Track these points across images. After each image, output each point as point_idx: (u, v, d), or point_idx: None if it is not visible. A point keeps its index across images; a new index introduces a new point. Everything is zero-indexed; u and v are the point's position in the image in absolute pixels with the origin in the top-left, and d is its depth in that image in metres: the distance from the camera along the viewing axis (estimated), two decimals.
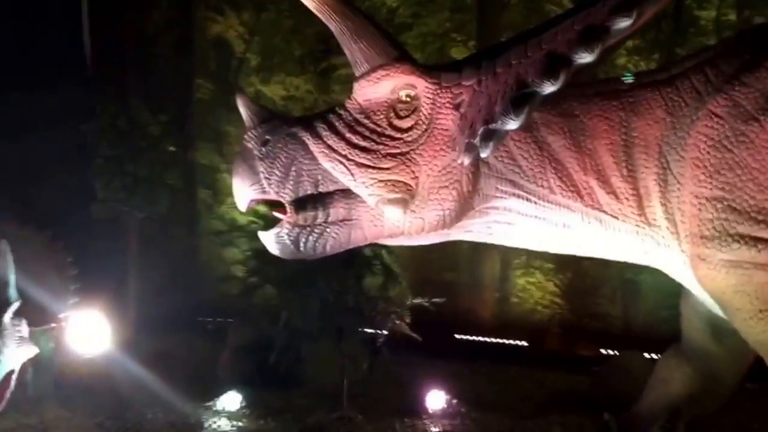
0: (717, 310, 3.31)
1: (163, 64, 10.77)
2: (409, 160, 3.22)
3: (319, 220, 3.26)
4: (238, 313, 7.82)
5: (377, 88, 3.19)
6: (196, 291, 9.78)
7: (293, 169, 3.25)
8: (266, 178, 3.26)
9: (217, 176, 10.97)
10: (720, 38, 7.60)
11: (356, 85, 3.26)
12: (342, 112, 3.32)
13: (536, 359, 8.07)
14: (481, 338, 8.79)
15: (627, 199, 3.24)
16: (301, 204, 3.26)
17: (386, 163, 3.21)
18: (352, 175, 3.22)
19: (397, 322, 5.76)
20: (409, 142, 3.22)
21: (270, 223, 7.75)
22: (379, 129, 3.23)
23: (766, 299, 3.02)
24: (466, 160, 3.18)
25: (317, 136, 3.27)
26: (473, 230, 3.45)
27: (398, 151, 3.22)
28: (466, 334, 8.76)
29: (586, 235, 3.37)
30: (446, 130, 3.21)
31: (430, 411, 5.96)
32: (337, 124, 3.28)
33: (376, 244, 4.50)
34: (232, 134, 10.81)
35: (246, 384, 6.62)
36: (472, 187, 3.27)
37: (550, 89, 2.94)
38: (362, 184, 3.22)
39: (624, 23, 2.83)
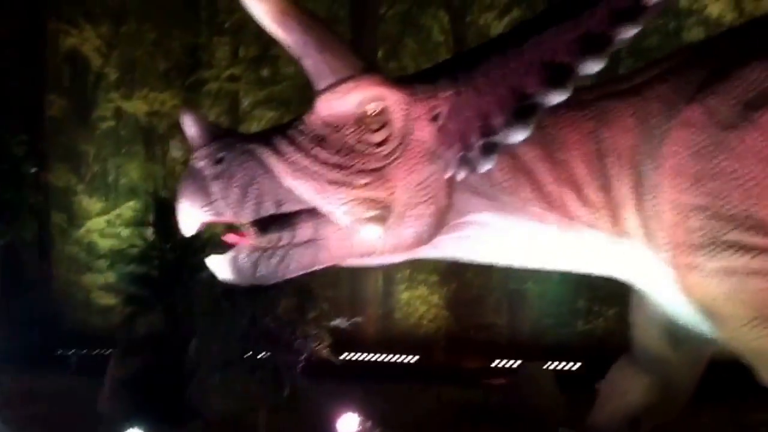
0: (688, 318, 3.23)
1: (11, 80, 9.96)
2: (385, 175, 3.01)
3: (283, 242, 3.03)
4: (104, 343, 7.17)
5: (344, 101, 2.96)
6: (52, 321, 8.95)
7: (253, 188, 2.96)
8: (222, 198, 2.96)
9: (72, 199, 10.33)
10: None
11: (320, 98, 2.99)
12: (303, 126, 3.04)
13: (424, 374, 7.90)
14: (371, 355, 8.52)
15: (600, 209, 3.14)
16: (264, 225, 2.99)
17: (361, 180, 2.99)
18: (323, 193, 2.98)
19: (316, 345, 5.39)
20: (383, 156, 3.01)
21: (150, 246, 7.38)
22: (349, 144, 3.00)
23: (759, 306, 2.95)
24: (462, 175, 3.01)
25: (279, 153, 2.99)
26: (440, 246, 3.25)
27: (373, 166, 3.01)
28: (350, 352, 8.45)
29: (556, 247, 3.27)
30: (423, 143, 3.05)
31: None
32: (300, 139, 3.01)
33: None
34: (90, 154, 10.11)
35: (135, 420, 5.95)
36: (449, 201, 3.11)
37: (557, 99, 2.83)
38: (335, 202, 2.98)
39: (630, 33, 2.77)
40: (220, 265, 3.07)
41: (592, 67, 2.74)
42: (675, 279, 3.04)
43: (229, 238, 3.10)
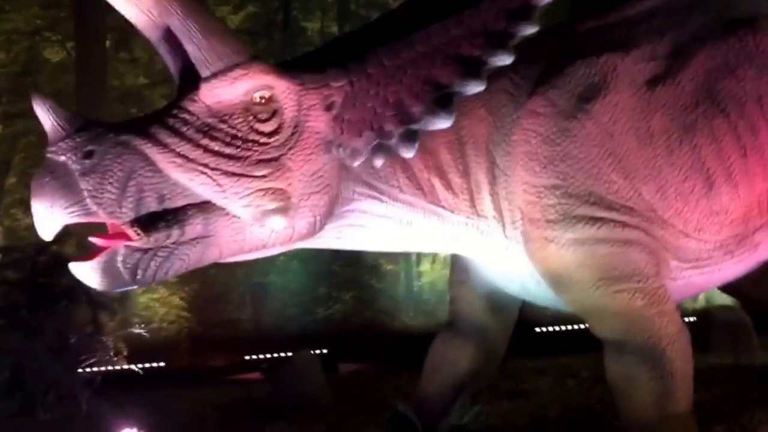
0: (524, 287, 3.63)
1: None
2: (282, 165, 2.95)
3: (170, 241, 2.79)
4: None
5: (232, 89, 2.87)
6: None
7: (131, 184, 2.71)
8: (93, 196, 2.66)
9: None
10: None
11: (205, 85, 2.85)
12: (186, 115, 2.85)
13: (174, 378, 7.66)
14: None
15: (461, 193, 3.34)
16: (148, 224, 2.73)
17: (261, 171, 2.90)
18: (220, 186, 2.81)
19: (113, 356, 4.92)
20: (277, 146, 2.94)
21: None
22: (240, 134, 2.89)
23: (603, 269, 3.36)
24: (379, 162, 3.03)
25: (161, 145, 2.77)
26: (323, 236, 3.20)
27: (269, 156, 2.93)
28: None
29: (425, 231, 3.39)
30: (317, 132, 3.05)
31: None
32: (184, 129, 2.82)
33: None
34: None
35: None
36: (339, 190, 3.12)
37: (475, 90, 2.98)
38: (234, 195, 2.85)
39: (530, 30, 3.00)
40: (87, 272, 2.73)
41: (503, 60, 2.98)
42: (528, 251, 3.41)
43: (100, 240, 2.80)
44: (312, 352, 6.46)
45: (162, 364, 8.01)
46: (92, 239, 2.77)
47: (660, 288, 3.44)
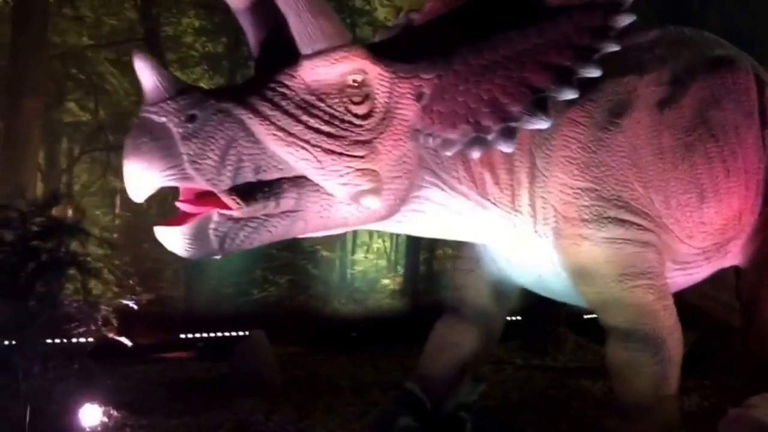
0: (542, 279, 3.87)
1: None
2: (374, 148, 3.00)
3: (264, 212, 2.77)
4: None
5: (331, 69, 2.89)
6: None
7: (231, 152, 2.68)
8: (193, 161, 2.60)
9: None
10: None
11: (306, 63, 2.86)
12: (285, 90, 2.84)
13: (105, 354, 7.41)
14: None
15: (506, 188, 3.58)
16: (247, 194, 2.71)
17: (359, 151, 2.94)
18: (320, 162, 2.83)
19: (101, 326, 4.67)
20: (369, 129, 2.99)
21: None
22: (337, 113, 2.92)
23: (626, 265, 3.66)
24: (476, 154, 3.12)
25: (263, 117, 2.75)
26: (390, 218, 3.33)
27: (364, 138, 2.98)
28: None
29: (470, 221, 3.59)
30: (406, 120, 3.12)
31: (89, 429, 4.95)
32: (284, 104, 2.81)
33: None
34: None
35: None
36: (414, 177, 3.21)
37: (569, 97, 3.11)
38: (333, 173, 2.87)
39: (613, 48, 3.15)
40: (175, 237, 2.65)
41: (592, 73, 3.13)
42: (560, 246, 3.65)
43: (188, 206, 2.73)
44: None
45: (91, 339, 7.74)
46: (180, 204, 2.73)
47: (664, 285, 3.87)
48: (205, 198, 2.76)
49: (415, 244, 8.37)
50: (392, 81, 3.07)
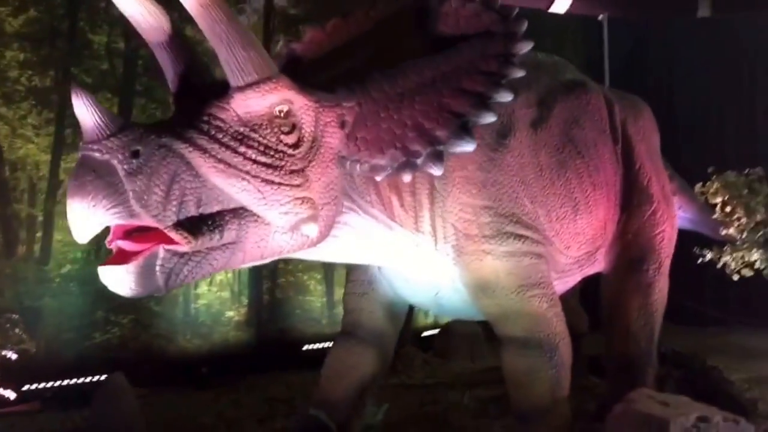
0: (441, 296, 4.10)
1: None
2: (307, 176, 3.13)
3: (208, 245, 2.83)
4: None
5: (262, 100, 2.97)
6: None
7: (175, 187, 2.70)
8: (139, 198, 2.61)
9: None
10: (111, 64, 7.95)
11: (238, 95, 2.93)
12: (219, 122, 2.89)
13: None
14: None
15: (410, 210, 3.81)
16: (194, 228, 2.74)
17: (295, 180, 3.05)
18: (261, 193, 2.91)
19: None
20: (300, 158, 3.11)
21: None
22: (271, 144, 3.01)
23: (524, 277, 4.02)
24: (407, 178, 3.31)
25: (202, 150, 2.79)
26: (318, 246, 3.47)
27: (298, 167, 3.10)
28: None
29: (378, 243, 3.73)
30: (332, 148, 3.25)
31: None
32: (220, 136, 2.86)
33: None
34: None
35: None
36: (338, 203, 3.40)
37: (489, 120, 3.39)
38: (275, 202, 2.95)
39: (519, 74, 3.51)
40: (121, 276, 2.68)
41: (505, 97, 3.42)
42: (462, 263, 3.93)
43: (129, 244, 2.69)
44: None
45: None
46: (120, 243, 2.74)
47: (554, 293, 4.33)
48: (139, 235, 2.79)
49: (257, 274, 8.45)
50: (316, 110, 3.28)
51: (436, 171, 3.34)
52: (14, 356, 5.73)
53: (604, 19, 11.83)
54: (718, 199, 6.37)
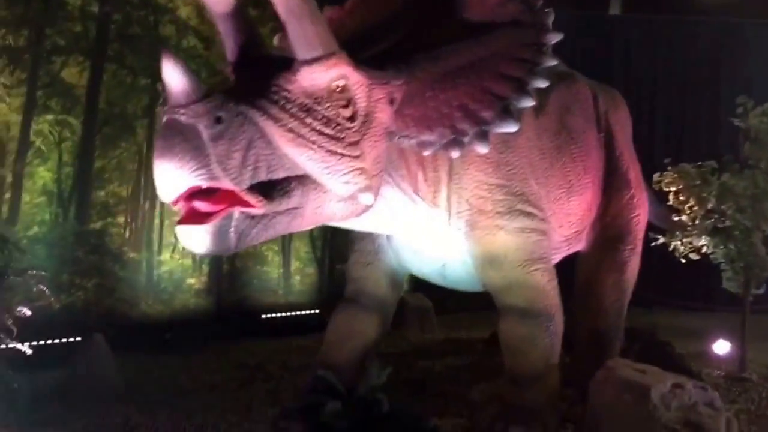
0: (446, 266, 4.32)
1: None
2: (362, 148, 3.25)
3: (278, 209, 2.96)
4: None
5: (325, 74, 3.08)
6: None
7: (251, 153, 2.82)
8: (221, 162, 2.72)
9: None
10: (84, 26, 7.85)
11: (305, 68, 3.04)
12: (287, 94, 3.00)
13: None
14: None
15: (430, 186, 3.98)
16: (266, 193, 2.88)
17: (355, 152, 3.18)
18: (325, 162, 3.04)
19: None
20: (356, 132, 3.23)
21: None
22: (332, 117, 3.13)
23: (530, 251, 4.26)
24: (455, 154, 3.48)
25: (274, 119, 2.90)
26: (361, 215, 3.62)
27: (355, 139, 3.21)
28: None
29: (402, 214, 3.91)
30: (382, 123, 3.37)
31: None
32: (288, 107, 2.97)
33: None
34: None
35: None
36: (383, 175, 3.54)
37: (528, 104, 3.56)
38: (338, 172, 3.09)
39: (553, 63, 3.67)
40: (199, 235, 2.82)
41: (541, 83, 3.63)
42: (474, 237, 4.22)
43: (206, 205, 2.81)
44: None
45: None
46: (197, 204, 2.86)
47: (552, 268, 4.62)
48: (206, 197, 2.93)
49: None
50: (369, 86, 3.37)
51: (482, 149, 3.53)
52: None
53: None
54: (673, 188, 6.76)
